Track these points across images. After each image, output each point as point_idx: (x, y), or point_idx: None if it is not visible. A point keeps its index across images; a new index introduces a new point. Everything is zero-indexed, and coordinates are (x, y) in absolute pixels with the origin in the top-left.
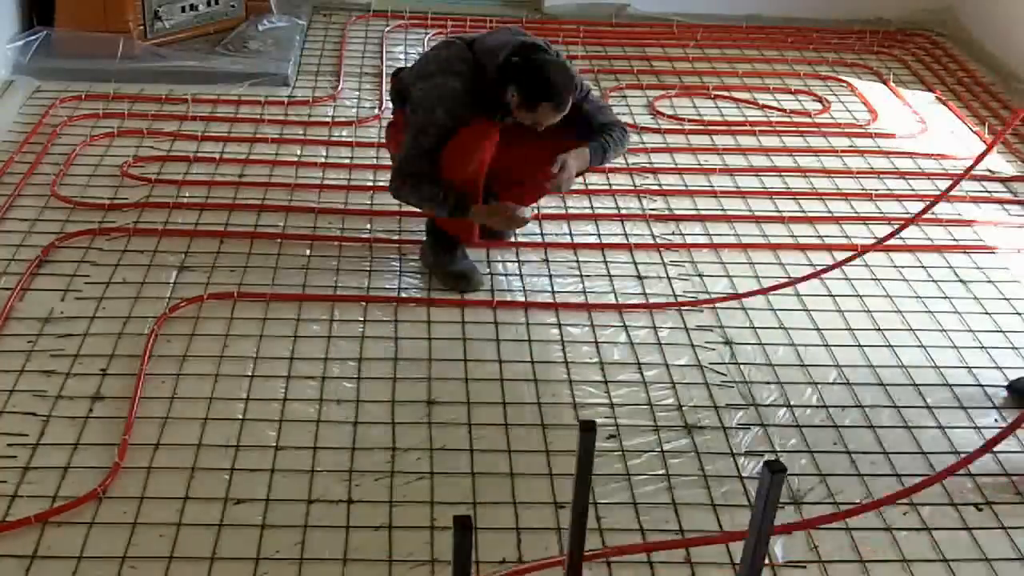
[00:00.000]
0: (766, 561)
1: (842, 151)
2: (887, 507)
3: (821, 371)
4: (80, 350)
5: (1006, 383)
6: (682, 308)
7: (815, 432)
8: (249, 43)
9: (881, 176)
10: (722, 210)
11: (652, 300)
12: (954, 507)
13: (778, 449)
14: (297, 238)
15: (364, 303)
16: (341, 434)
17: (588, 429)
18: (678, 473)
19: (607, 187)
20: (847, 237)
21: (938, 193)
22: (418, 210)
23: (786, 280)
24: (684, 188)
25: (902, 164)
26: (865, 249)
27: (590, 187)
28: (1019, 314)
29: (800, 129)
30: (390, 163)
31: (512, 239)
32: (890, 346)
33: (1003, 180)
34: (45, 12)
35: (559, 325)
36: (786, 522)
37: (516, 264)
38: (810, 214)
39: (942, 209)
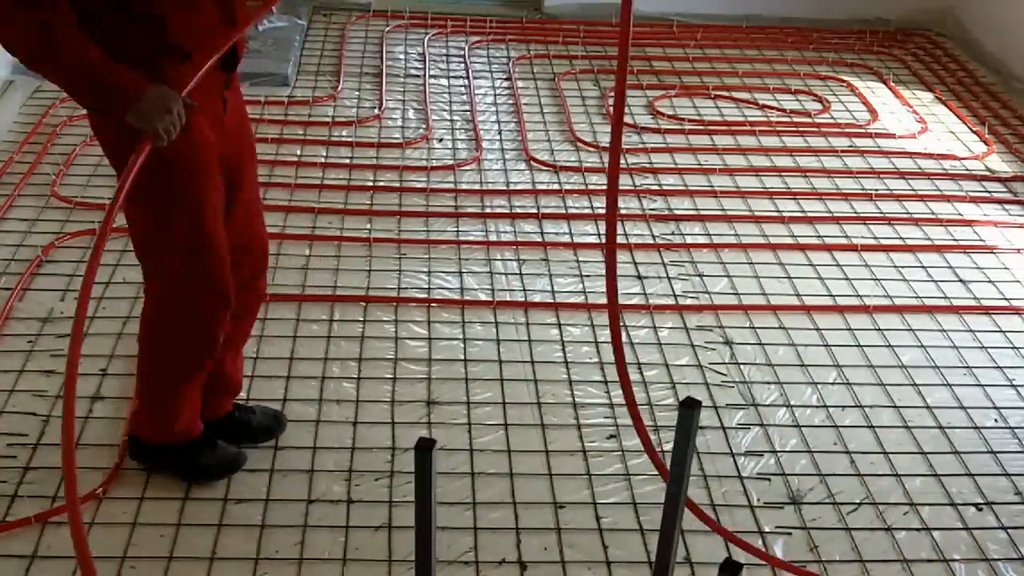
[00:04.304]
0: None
1: (842, 151)
2: (887, 507)
3: (821, 371)
4: (80, 350)
5: (1007, 381)
6: (683, 311)
7: (815, 432)
8: (249, 43)
9: (881, 176)
10: (722, 210)
11: (652, 300)
12: (954, 507)
13: (778, 449)
14: (297, 238)
15: (364, 303)
16: (341, 434)
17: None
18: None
19: (607, 187)
20: (847, 237)
21: (938, 193)
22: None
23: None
24: (684, 188)
25: (902, 164)
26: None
27: (590, 187)
28: (1019, 314)
29: (800, 129)
30: (389, 164)
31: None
32: (890, 346)
33: (1003, 180)
34: None
35: (559, 325)
36: (786, 522)
37: (516, 264)
38: (810, 214)
39: (942, 209)
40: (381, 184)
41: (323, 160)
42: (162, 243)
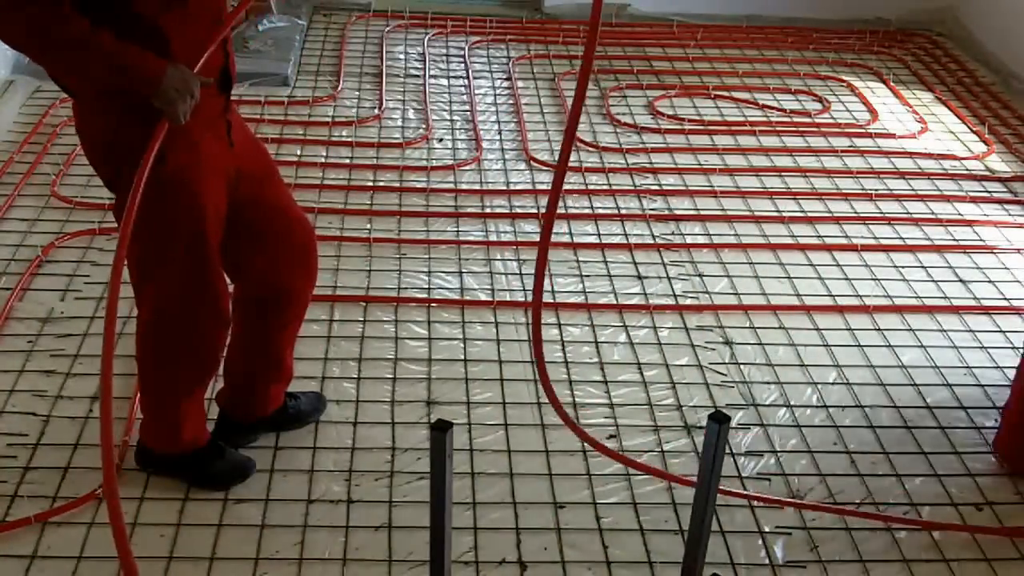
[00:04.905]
0: (766, 561)
1: (842, 151)
2: (887, 507)
3: (821, 371)
4: (80, 350)
5: (1007, 381)
6: (683, 311)
7: (815, 432)
8: (249, 43)
9: (881, 176)
10: (722, 210)
11: (652, 300)
12: (954, 507)
13: (778, 449)
14: None
15: (364, 303)
16: (341, 434)
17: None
18: (678, 473)
19: (607, 187)
20: (847, 237)
21: (938, 193)
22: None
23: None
24: (684, 188)
25: (902, 164)
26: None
27: (590, 187)
28: (1019, 314)
29: (800, 129)
30: (389, 164)
31: None
32: (890, 346)
33: (1003, 180)
34: None
35: (559, 325)
36: (786, 523)
37: (516, 264)
38: (810, 214)
39: (942, 209)
40: (381, 184)
41: (323, 160)
42: (162, 265)
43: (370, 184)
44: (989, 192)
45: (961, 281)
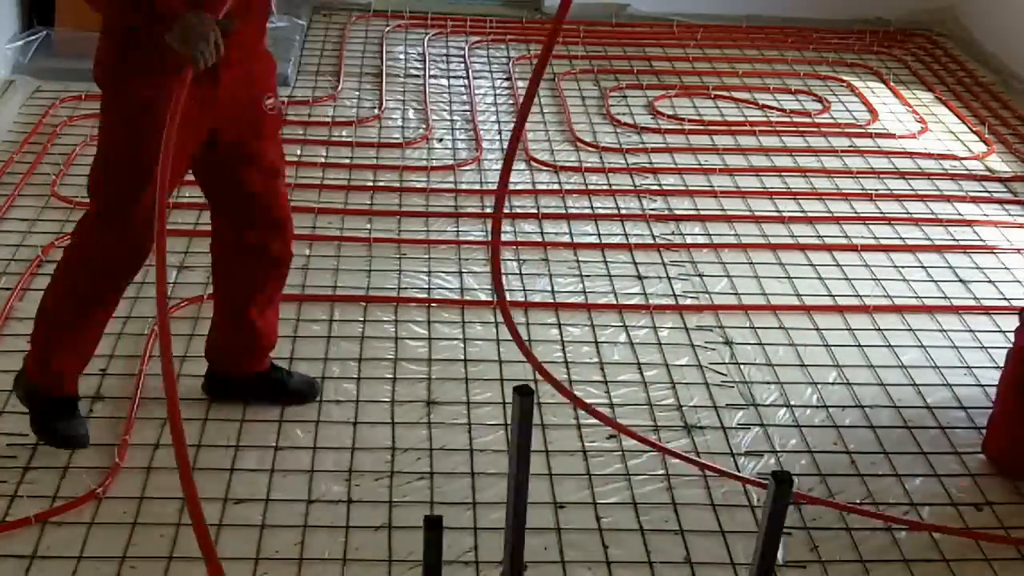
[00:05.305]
0: None
1: (842, 151)
2: (887, 507)
3: (821, 371)
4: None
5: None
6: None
7: (815, 432)
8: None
9: (881, 176)
10: (722, 210)
11: (652, 300)
12: (954, 507)
13: (778, 449)
14: (297, 238)
15: (364, 303)
16: (341, 434)
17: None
18: (678, 473)
19: (607, 187)
20: (847, 237)
21: (938, 193)
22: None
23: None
24: (684, 188)
25: (902, 164)
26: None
27: (590, 187)
28: (1019, 314)
29: (800, 129)
30: (389, 164)
31: None
32: (890, 346)
33: (1003, 180)
34: (45, 12)
35: (559, 325)
36: (786, 523)
37: (516, 264)
38: (810, 214)
39: (942, 209)
40: (381, 184)
41: (323, 160)
42: (103, 174)
43: (370, 184)
44: (989, 192)
45: (961, 281)
